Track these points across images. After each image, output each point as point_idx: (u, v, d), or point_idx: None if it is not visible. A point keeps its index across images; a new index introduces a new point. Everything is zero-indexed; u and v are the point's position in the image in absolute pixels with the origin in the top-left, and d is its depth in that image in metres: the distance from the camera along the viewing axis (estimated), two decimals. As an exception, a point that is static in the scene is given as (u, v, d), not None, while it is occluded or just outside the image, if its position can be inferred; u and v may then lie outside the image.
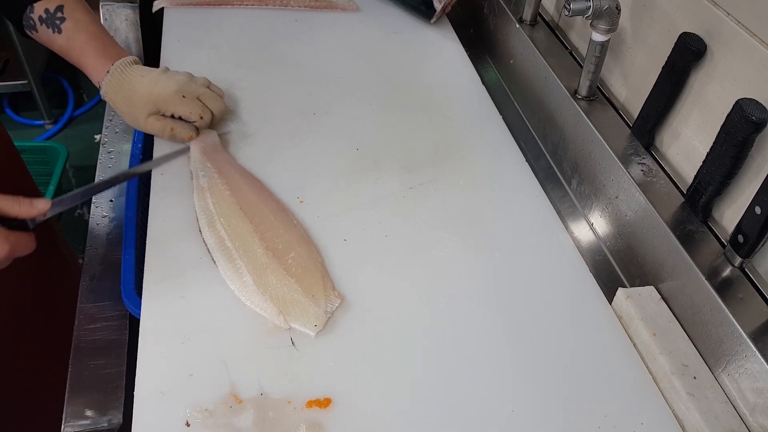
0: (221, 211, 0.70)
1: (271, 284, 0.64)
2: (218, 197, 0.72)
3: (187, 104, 0.76)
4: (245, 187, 0.74)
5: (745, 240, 0.61)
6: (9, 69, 2.11)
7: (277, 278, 0.64)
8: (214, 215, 0.70)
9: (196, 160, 0.76)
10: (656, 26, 0.77)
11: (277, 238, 0.68)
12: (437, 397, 0.58)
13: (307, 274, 0.65)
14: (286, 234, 0.69)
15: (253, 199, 0.72)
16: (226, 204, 0.71)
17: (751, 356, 0.57)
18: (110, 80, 0.76)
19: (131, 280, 0.65)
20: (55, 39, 0.76)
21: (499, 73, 1.08)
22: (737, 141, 0.60)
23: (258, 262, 0.65)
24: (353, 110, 0.89)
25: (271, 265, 0.65)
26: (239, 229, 0.68)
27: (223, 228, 0.69)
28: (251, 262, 0.65)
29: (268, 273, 0.65)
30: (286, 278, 0.64)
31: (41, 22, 0.75)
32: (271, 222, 0.70)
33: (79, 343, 0.63)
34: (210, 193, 0.73)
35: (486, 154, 0.85)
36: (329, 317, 0.62)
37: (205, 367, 0.58)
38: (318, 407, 0.56)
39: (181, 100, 0.76)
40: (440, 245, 0.72)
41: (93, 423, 0.57)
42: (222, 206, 0.71)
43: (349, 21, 1.08)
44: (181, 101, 0.76)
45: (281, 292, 0.63)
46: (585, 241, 0.81)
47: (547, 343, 0.63)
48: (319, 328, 0.61)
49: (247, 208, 0.71)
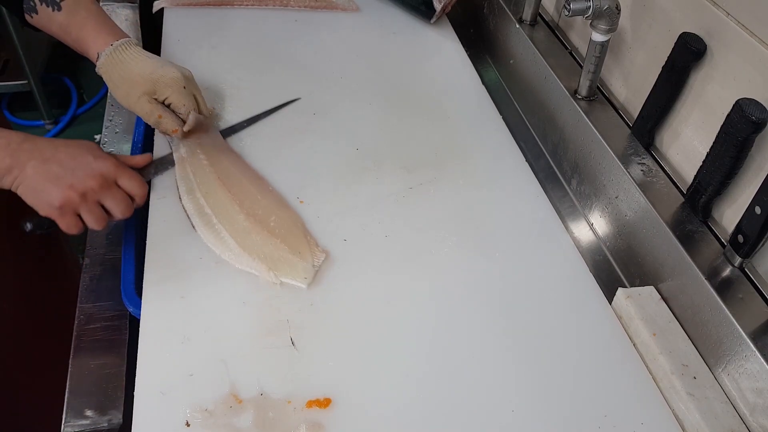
0: (200, 180, 0.73)
1: (257, 245, 0.67)
2: (197, 167, 0.75)
3: (184, 95, 0.76)
4: (223, 159, 0.76)
5: (745, 240, 0.61)
6: (9, 69, 2.11)
7: (262, 239, 0.67)
8: (194, 183, 0.73)
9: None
10: (656, 26, 0.77)
11: (256, 205, 0.71)
12: (437, 397, 0.58)
13: (290, 234, 0.68)
14: (264, 200, 0.72)
15: (231, 169, 0.75)
16: (205, 173, 0.74)
17: (751, 356, 0.57)
18: (112, 53, 0.75)
19: (131, 280, 0.65)
20: (55, 17, 0.76)
21: (499, 73, 1.08)
22: (737, 141, 0.60)
23: (240, 227, 0.68)
24: (353, 110, 0.89)
25: (254, 229, 0.68)
26: (219, 197, 0.71)
27: (202, 196, 0.71)
28: (233, 227, 0.68)
29: (253, 236, 0.67)
30: (271, 239, 0.67)
31: (41, 1, 0.75)
32: (250, 190, 0.73)
33: (79, 343, 0.63)
34: (189, 163, 0.75)
35: (486, 154, 0.85)
36: (317, 271, 0.66)
37: (205, 367, 0.58)
38: (318, 407, 0.56)
39: (181, 90, 0.76)
40: (440, 245, 0.72)
41: (93, 423, 0.57)
42: (201, 175, 0.74)
43: (349, 21, 1.08)
44: (180, 90, 0.76)
45: (268, 251, 0.66)
46: (585, 241, 0.81)
47: (547, 343, 0.63)
48: (309, 280, 0.65)
49: (225, 178, 0.74)
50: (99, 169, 0.65)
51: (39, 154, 0.63)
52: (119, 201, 0.66)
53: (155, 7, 1.06)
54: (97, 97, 2.23)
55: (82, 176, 0.63)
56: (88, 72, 2.39)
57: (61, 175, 0.63)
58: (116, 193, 0.66)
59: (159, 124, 0.76)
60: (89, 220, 0.65)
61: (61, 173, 0.63)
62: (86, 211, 0.64)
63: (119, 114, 0.87)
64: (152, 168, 0.74)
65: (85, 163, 0.64)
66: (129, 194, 0.67)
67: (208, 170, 0.74)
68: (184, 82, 0.76)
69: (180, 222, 0.70)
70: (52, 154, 0.63)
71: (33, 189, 0.62)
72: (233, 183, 0.73)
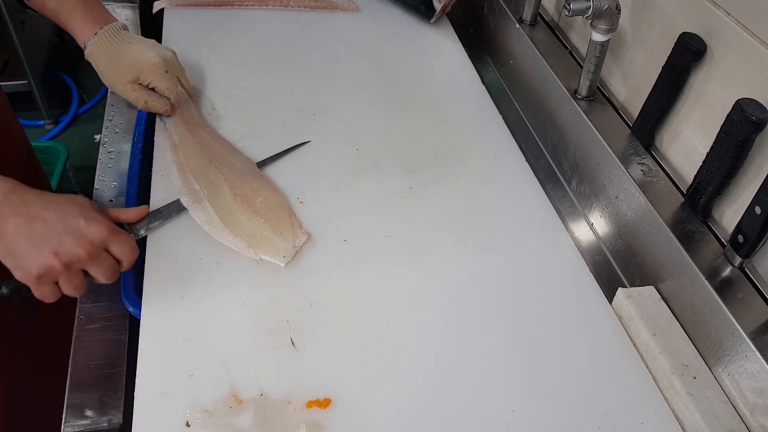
0: (192, 165, 0.75)
1: (241, 224, 0.69)
2: (189, 152, 0.77)
3: (167, 79, 0.79)
4: (214, 144, 0.79)
5: (745, 240, 0.61)
6: (9, 69, 2.11)
7: (247, 218, 0.69)
8: (185, 167, 0.75)
9: (171, 122, 0.81)
10: (656, 26, 0.77)
11: (245, 186, 0.73)
12: (437, 397, 0.58)
13: (275, 215, 0.70)
14: (254, 182, 0.74)
15: (222, 153, 0.78)
16: (196, 158, 0.76)
17: (751, 356, 0.57)
18: (97, 41, 0.77)
19: (131, 280, 0.65)
20: (46, 2, 0.77)
21: (499, 73, 1.08)
22: (737, 141, 0.60)
23: (227, 206, 0.71)
24: (353, 110, 0.89)
25: (240, 209, 0.70)
26: (210, 178, 0.74)
27: (193, 176, 0.74)
28: (220, 205, 0.71)
29: (238, 215, 0.70)
30: (255, 219, 0.70)
31: None
32: (240, 172, 0.75)
33: (79, 343, 0.63)
34: (181, 148, 0.78)
35: (486, 154, 0.85)
36: (297, 251, 0.68)
37: (205, 367, 0.58)
38: (318, 407, 0.56)
39: (162, 74, 0.79)
40: (440, 245, 0.72)
41: (93, 423, 0.57)
42: (192, 160, 0.76)
43: (349, 21, 1.08)
44: (162, 75, 0.79)
45: (251, 229, 0.69)
46: (585, 241, 0.81)
47: (547, 343, 0.63)
48: (288, 259, 0.67)
49: (216, 161, 0.76)
50: (90, 236, 0.58)
51: (25, 210, 0.56)
52: (106, 269, 0.60)
53: (155, 7, 1.06)
54: (97, 97, 2.23)
55: (69, 244, 0.56)
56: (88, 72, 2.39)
57: (46, 238, 0.56)
58: (104, 261, 0.59)
59: (148, 108, 0.80)
60: (67, 289, 0.59)
61: (45, 236, 0.56)
62: (66, 280, 0.58)
63: (119, 114, 0.87)
64: (146, 222, 0.68)
65: (75, 227, 0.57)
66: (117, 259, 0.61)
67: (199, 153, 0.77)
68: (165, 66, 0.79)
69: (180, 222, 0.70)
70: (39, 211, 0.56)
71: (10, 250, 0.55)
72: (224, 164, 0.76)
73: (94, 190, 0.80)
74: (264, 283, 0.65)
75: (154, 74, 0.78)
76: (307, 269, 0.67)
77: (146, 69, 0.77)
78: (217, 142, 0.80)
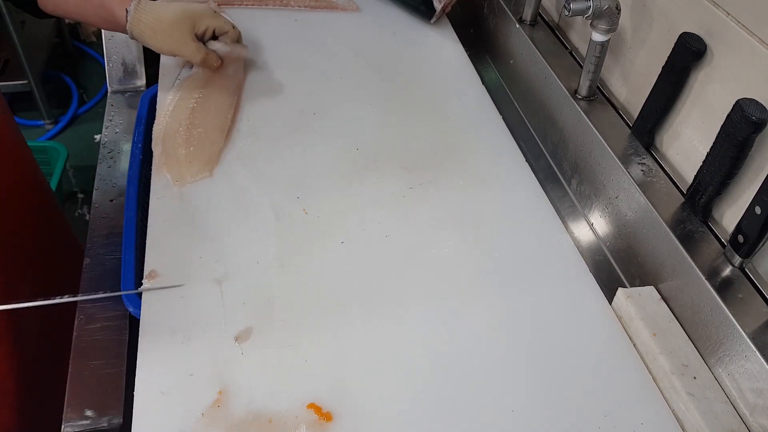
0: (180, 99, 0.84)
1: (173, 142, 0.78)
2: (186, 92, 0.84)
3: (220, 18, 0.83)
4: (213, 93, 0.85)
5: (745, 240, 0.61)
6: (9, 69, 2.11)
7: (180, 140, 0.79)
8: (176, 97, 0.83)
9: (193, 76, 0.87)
10: (656, 26, 0.77)
11: (204, 123, 0.81)
12: (438, 398, 0.58)
13: (199, 148, 0.78)
14: (213, 122, 0.81)
15: (211, 100, 0.84)
16: (186, 96, 0.84)
17: (751, 356, 0.57)
18: (137, 6, 0.77)
19: (131, 280, 0.65)
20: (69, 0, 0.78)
21: (499, 73, 1.08)
22: (737, 141, 0.60)
23: (173, 129, 0.80)
24: (353, 110, 0.89)
25: (180, 131, 0.79)
26: (181, 110, 0.82)
27: (172, 108, 0.82)
28: (171, 129, 0.80)
29: (176, 136, 0.79)
30: (183, 143, 0.78)
31: None
32: (209, 112, 0.83)
33: (79, 343, 0.63)
34: (182, 86, 0.85)
35: (486, 154, 0.85)
36: (190, 183, 0.75)
37: (205, 367, 0.58)
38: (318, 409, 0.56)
39: (214, 15, 0.82)
40: (440, 245, 0.72)
41: (93, 423, 0.57)
42: (182, 98, 0.84)
43: (349, 21, 1.08)
44: (214, 15, 0.82)
45: (172, 149, 0.78)
46: (585, 241, 0.81)
47: (547, 343, 0.63)
48: (180, 184, 0.74)
49: (201, 101, 0.83)
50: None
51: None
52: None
53: (155, 7, 1.06)
54: (97, 97, 2.23)
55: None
56: (88, 72, 2.39)
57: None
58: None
59: (205, 61, 0.82)
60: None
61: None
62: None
63: (119, 114, 0.88)
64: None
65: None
66: None
67: (190, 98, 0.84)
68: (213, 8, 0.83)
69: (180, 222, 0.70)
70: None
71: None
72: (201, 107, 0.83)
73: (94, 191, 0.80)
74: (264, 283, 0.65)
75: (207, 16, 0.81)
76: (307, 269, 0.67)
77: (199, 14, 0.80)
78: (218, 92, 0.85)
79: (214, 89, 0.85)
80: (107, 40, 1.00)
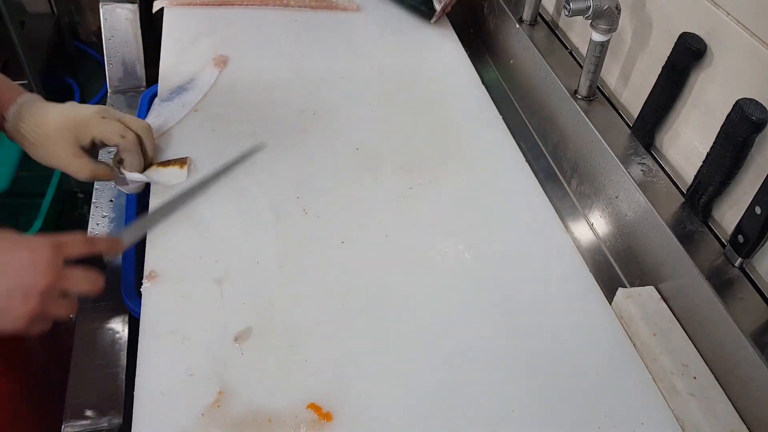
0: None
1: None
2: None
3: (107, 124, 0.68)
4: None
5: (745, 240, 0.61)
6: (9, 69, 2.10)
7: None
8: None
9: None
10: (656, 26, 0.77)
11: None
12: (437, 397, 0.58)
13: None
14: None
15: None
16: None
17: (751, 356, 0.57)
18: (18, 110, 0.67)
19: (131, 280, 0.65)
20: None
21: (499, 73, 1.08)
22: (737, 141, 0.60)
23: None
24: (353, 110, 0.89)
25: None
26: None
27: None
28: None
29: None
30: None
31: None
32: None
33: (79, 343, 0.63)
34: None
35: (486, 154, 0.85)
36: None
37: (205, 367, 0.58)
38: (317, 409, 0.56)
39: (100, 121, 0.68)
40: (440, 245, 0.72)
41: (93, 423, 0.57)
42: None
43: (349, 21, 1.08)
44: (100, 121, 0.68)
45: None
46: (585, 241, 0.81)
47: (547, 343, 0.63)
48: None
49: None
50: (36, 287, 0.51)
51: None
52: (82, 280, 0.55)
53: (155, 7, 1.06)
54: (97, 98, 2.23)
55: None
56: (88, 72, 2.39)
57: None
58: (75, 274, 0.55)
59: (96, 176, 0.69)
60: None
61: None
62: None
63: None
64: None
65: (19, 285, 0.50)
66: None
67: None
68: (101, 113, 0.69)
69: (180, 222, 0.70)
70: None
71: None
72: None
73: (94, 190, 0.80)
74: (264, 283, 0.65)
75: (92, 125, 0.67)
76: (307, 269, 0.67)
77: (82, 122, 0.67)
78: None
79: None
80: (107, 40, 1.01)
